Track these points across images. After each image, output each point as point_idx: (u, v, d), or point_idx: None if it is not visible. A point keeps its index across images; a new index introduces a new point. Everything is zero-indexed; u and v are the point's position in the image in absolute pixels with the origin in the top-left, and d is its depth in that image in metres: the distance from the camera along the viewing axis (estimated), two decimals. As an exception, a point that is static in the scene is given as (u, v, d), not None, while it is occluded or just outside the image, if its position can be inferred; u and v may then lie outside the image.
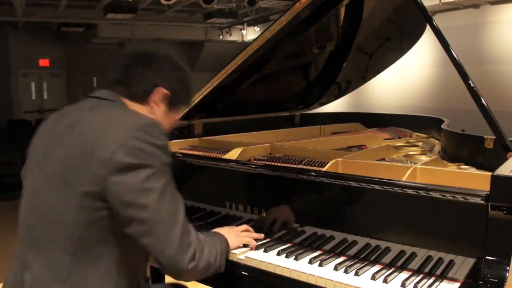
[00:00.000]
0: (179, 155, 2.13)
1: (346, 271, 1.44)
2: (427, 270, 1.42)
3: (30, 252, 1.29)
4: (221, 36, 12.21)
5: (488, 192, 1.31)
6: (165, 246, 1.22)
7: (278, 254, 1.59)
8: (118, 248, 1.28)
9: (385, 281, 1.38)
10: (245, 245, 1.63)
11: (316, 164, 1.85)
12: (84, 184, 1.20)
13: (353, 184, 1.57)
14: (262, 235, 1.69)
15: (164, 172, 1.25)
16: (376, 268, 1.47)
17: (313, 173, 1.68)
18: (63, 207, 1.23)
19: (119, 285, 1.28)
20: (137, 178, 1.19)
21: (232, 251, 1.59)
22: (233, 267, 1.56)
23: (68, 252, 1.23)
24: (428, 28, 2.23)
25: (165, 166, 1.26)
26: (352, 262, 1.50)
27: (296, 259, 1.55)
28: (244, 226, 1.68)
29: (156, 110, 1.41)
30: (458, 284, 1.35)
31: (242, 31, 12.15)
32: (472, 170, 2.02)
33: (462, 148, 2.35)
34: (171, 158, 1.29)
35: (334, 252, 1.58)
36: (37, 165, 1.32)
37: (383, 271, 1.44)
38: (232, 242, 1.55)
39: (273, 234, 1.73)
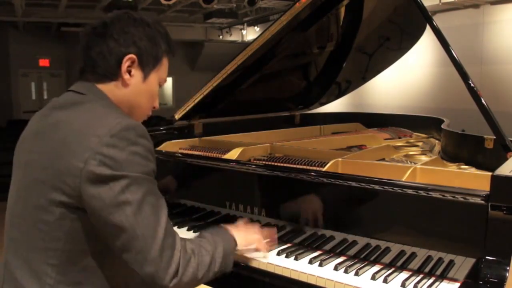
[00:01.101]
0: (179, 155, 2.13)
1: (346, 271, 1.44)
2: (427, 270, 1.42)
3: (14, 262, 1.21)
4: (221, 36, 12.21)
5: (488, 192, 1.31)
6: (144, 263, 1.12)
7: (278, 254, 1.58)
8: (106, 259, 1.21)
9: (385, 281, 1.38)
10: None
11: (316, 164, 1.84)
12: (60, 194, 1.12)
13: (353, 184, 1.57)
14: (274, 232, 1.61)
15: (143, 181, 1.13)
16: (376, 268, 1.47)
17: (313, 173, 1.68)
18: (45, 218, 1.15)
19: None
20: (111, 191, 1.09)
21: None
22: (232, 267, 1.56)
23: (52, 265, 1.16)
24: (428, 28, 2.23)
25: (144, 174, 1.14)
26: (352, 262, 1.50)
27: (296, 259, 1.55)
28: (256, 226, 1.58)
29: (131, 81, 1.26)
30: (458, 284, 1.35)
31: (242, 31, 12.15)
32: (472, 170, 2.02)
33: (462, 148, 2.35)
34: (153, 164, 1.18)
35: (334, 252, 1.58)
36: (20, 171, 1.25)
37: (383, 271, 1.44)
38: (240, 241, 1.44)
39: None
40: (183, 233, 1.83)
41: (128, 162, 1.11)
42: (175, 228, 1.57)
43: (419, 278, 1.40)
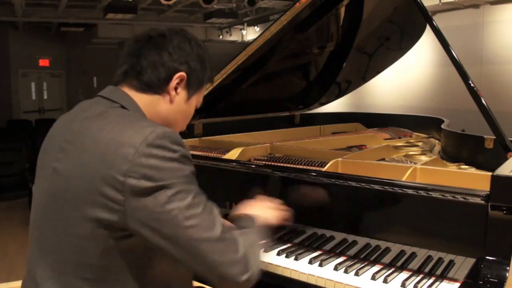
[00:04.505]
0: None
1: (346, 271, 1.44)
2: (427, 270, 1.42)
3: (45, 274, 1.16)
4: (221, 36, 12.21)
5: (488, 192, 1.32)
6: (209, 267, 1.08)
7: (278, 254, 1.59)
8: (145, 271, 1.16)
9: (385, 281, 1.38)
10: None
11: (316, 164, 1.85)
12: (98, 209, 1.07)
13: (353, 184, 1.57)
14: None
15: (187, 185, 1.09)
16: (376, 268, 1.47)
17: (313, 173, 1.68)
18: (78, 232, 1.10)
19: None
20: (157, 201, 1.05)
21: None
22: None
23: (87, 280, 1.11)
24: (428, 28, 2.23)
25: (187, 178, 1.10)
26: (352, 262, 1.50)
27: (296, 259, 1.55)
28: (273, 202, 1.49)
29: (176, 98, 1.25)
30: (458, 284, 1.35)
31: (242, 31, 12.15)
32: (472, 170, 2.02)
33: (462, 148, 2.35)
34: (192, 166, 1.14)
35: (334, 252, 1.58)
36: (46, 180, 1.18)
37: (383, 271, 1.44)
38: (270, 222, 1.39)
39: (273, 234, 1.72)
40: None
41: (168, 170, 1.07)
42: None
43: (419, 278, 1.40)
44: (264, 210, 1.43)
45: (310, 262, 1.52)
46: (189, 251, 1.08)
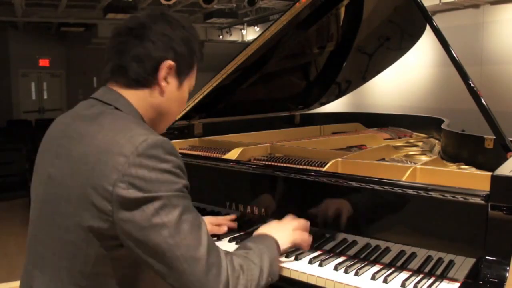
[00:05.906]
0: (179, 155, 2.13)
1: (346, 271, 1.44)
2: (427, 270, 1.42)
3: (40, 278, 1.16)
4: (221, 36, 12.22)
5: (488, 192, 1.31)
6: (189, 284, 1.06)
7: (278, 254, 1.58)
8: (136, 281, 1.16)
9: (385, 281, 1.38)
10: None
11: (316, 164, 1.84)
12: (89, 218, 1.05)
13: (353, 184, 1.57)
14: (311, 238, 1.52)
15: (177, 199, 1.06)
16: (376, 268, 1.47)
17: (313, 173, 1.68)
18: (71, 239, 1.09)
19: None
20: (144, 214, 1.02)
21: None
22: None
23: (80, 286, 1.11)
24: (428, 28, 2.23)
25: (177, 191, 1.07)
26: (352, 262, 1.50)
27: (296, 259, 1.55)
28: (302, 221, 1.50)
29: (167, 88, 1.20)
30: (458, 284, 1.35)
31: (242, 31, 12.16)
32: (472, 170, 2.02)
33: (462, 148, 2.35)
34: (185, 180, 1.11)
35: (334, 252, 1.58)
36: (41, 185, 1.17)
37: (383, 271, 1.44)
38: (283, 245, 1.38)
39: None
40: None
41: (158, 181, 1.04)
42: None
43: (419, 278, 1.40)
44: (283, 232, 1.42)
45: (310, 262, 1.52)
46: (169, 267, 1.06)
